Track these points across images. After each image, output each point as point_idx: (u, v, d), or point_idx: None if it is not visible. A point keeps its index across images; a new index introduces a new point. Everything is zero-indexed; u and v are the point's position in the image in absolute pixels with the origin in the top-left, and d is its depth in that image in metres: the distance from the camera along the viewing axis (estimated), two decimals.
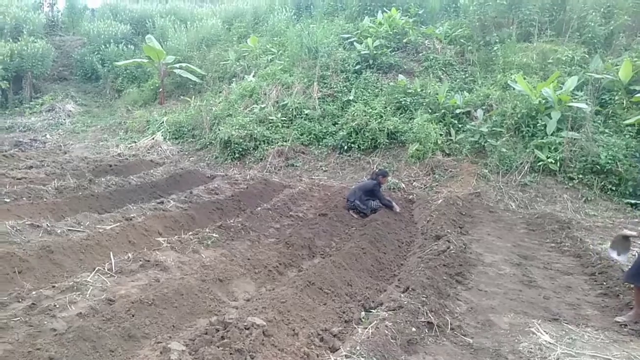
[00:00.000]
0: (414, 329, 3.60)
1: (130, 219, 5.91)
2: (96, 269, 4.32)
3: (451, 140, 10.17)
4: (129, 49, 18.04)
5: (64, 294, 3.81)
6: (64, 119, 15.44)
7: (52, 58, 17.83)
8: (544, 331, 3.80)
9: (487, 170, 9.20)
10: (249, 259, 4.97)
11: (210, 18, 18.37)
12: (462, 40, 12.76)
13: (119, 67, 16.67)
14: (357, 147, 10.70)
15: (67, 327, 3.29)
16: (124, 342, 3.20)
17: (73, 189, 7.38)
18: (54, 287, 3.92)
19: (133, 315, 3.46)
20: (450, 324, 3.80)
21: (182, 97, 15.28)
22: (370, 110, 10.90)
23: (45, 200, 6.51)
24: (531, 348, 3.53)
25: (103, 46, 17.97)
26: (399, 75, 11.97)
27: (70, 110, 16.11)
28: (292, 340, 3.35)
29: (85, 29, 19.25)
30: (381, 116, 10.74)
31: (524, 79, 9.79)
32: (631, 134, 8.86)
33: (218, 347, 2.98)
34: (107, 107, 16.94)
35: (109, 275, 4.27)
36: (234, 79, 14.75)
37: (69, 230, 5.35)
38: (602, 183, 8.41)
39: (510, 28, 12.24)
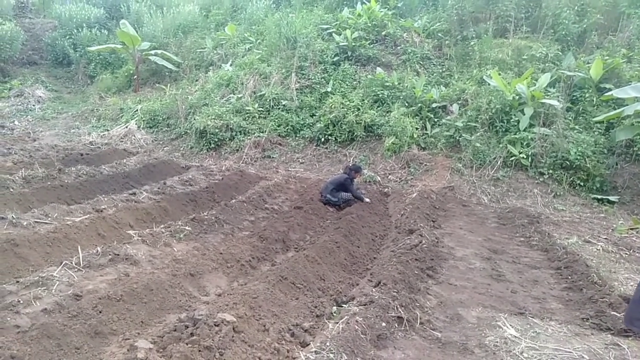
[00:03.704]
0: (384, 324, 3.64)
1: (101, 211, 5.80)
2: (63, 263, 4.22)
3: (427, 134, 10.27)
4: (102, 34, 17.53)
5: (29, 289, 3.72)
6: (34, 105, 14.95)
7: (22, 41, 17.23)
8: (510, 325, 3.89)
9: (461, 165, 9.33)
10: (221, 253, 4.93)
11: (187, 4, 18.01)
12: (440, 35, 12.83)
13: (91, 52, 16.19)
14: (334, 139, 10.72)
15: (31, 324, 3.22)
16: (90, 339, 3.15)
17: (41, 179, 7.18)
18: (18, 282, 3.82)
19: (100, 312, 3.40)
20: (420, 319, 3.86)
21: (157, 84, 14.99)
22: (348, 102, 10.90)
23: (11, 190, 6.32)
24: (497, 342, 3.62)
25: (75, 30, 17.43)
26: (377, 68, 11.99)
27: (40, 96, 15.60)
28: (263, 336, 3.36)
29: (56, 12, 18.62)
30: (358, 109, 10.76)
31: (499, 74, 9.92)
32: (600, 131, 9.11)
33: (187, 344, 2.96)
34: (79, 94, 16.49)
35: (76, 269, 4.18)
36: (210, 68, 14.53)
37: (35, 222, 5.21)
38: (571, 178, 8.63)
39: (487, 23, 12.35)
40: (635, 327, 3.82)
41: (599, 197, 8.40)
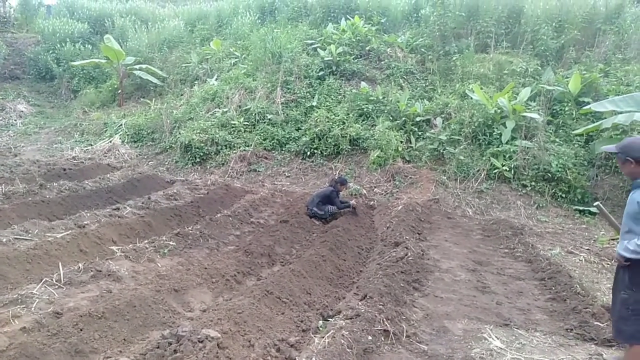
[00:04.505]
0: (370, 338, 3.62)
1: (83, 227, 5.69)
2: (43, 280, 4.13)
3: (411, 147, 10.38)
4: (86, 49, 17.39)
5: (7, 307, 3.62)
6: (15, 120, 14.71)
7: (3, 55, 17.05)
8: (496, 336, 3.91)
9: (445, 177, 9.43)
10: (206, 268, 4.88)
11: (172, 19, 18.04)
12: (422, 50, 13.04)
13: (75, 67, 16.07)
14: (319, 153, 10.75)
15: (9, 343, 3.12)
16: (71, 359, 3.07)
17: (22, 195, 7.06)
18: None
19: (81, 330, 3.32)
20: (406, 332, 3.85)
21: (142, 99, 14.91)
22: (333, 116, 10.98)
23: None
24: (483, 354, 3.63)
25: (59, 45, 17.26)
26: (362, 82, 12.13)
27: (22, 111, 15.37)
28: (248, 352, 3.31)
29: (39, 27, 18.43)
30: (344, 122, 10.84)
31: (481, 89, 10.12)
32: (580, 143, 9.30)
33: None
34: (62, 108, 16.28)
35: (57, 286, 4.10)
36: (196, 82, 14.52)
37: (15, 238, 5.09)
38: (553, 190, 8.78)
39: (469, 39, 12.61)
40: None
41: (581, 208, 8.54)
